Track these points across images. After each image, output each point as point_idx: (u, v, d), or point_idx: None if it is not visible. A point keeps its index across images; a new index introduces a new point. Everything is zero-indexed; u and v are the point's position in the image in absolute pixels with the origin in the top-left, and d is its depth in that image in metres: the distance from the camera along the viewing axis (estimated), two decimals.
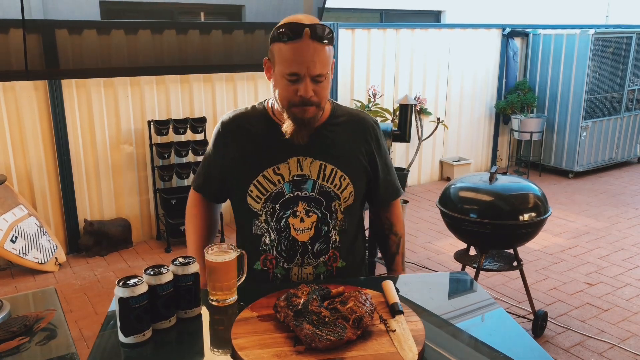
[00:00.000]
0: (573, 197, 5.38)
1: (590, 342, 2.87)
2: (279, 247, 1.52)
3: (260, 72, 4.59)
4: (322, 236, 1.52)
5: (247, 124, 1.54)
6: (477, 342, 1.23)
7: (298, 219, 1.49)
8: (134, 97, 4.14)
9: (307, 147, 1.48)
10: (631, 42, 5.95)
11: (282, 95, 1.41)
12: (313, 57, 1.35)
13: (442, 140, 5.92)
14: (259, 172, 1.49)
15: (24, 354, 1.28)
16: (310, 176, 1.49)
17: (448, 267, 3.83)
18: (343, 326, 1.13)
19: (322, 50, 1.37)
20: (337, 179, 1.50)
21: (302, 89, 1.37)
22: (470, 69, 5.93)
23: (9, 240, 3.57)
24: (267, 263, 1.54)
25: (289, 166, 1.49)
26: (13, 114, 3.75)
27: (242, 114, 1.57)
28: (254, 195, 1.50)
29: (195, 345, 1.22)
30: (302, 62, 1.35)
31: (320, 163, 1.49)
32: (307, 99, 1.38)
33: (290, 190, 1.49)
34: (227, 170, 1.55)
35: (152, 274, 1.22)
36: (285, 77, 1.38)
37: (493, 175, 2.79)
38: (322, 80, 1.39)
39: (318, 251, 1.52)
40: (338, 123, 1.54)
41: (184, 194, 4.22)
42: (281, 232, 1.51)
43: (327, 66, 1.39)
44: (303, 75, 1.36)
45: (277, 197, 1.49)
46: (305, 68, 1.35)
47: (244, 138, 1.53)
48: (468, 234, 2.76)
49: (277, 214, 1.50)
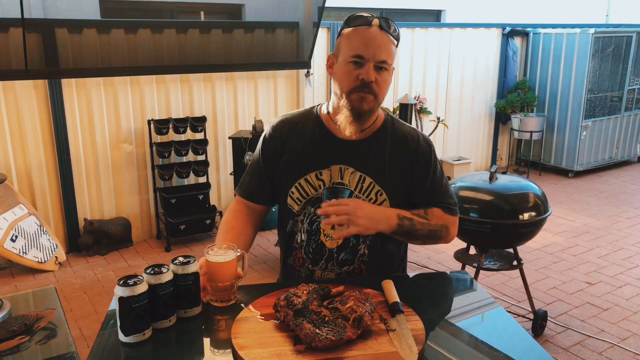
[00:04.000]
0: (573, 197, 5.38)
1: (590, 342, 2.87)
2: (307, 249, 1.54)
3: (260, 72, 4.59)
4: (349, 247, 1.53)
5: (297, 127, 1.56)
6: (477, 342, 1.23)
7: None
8: (134, 96, 4.14)
9: (351, 156, 1.50)
10: (631, 41, 5.94)
11: (344, 82, 1.42)
12: (380, 43, 1.40)
13: (442, 140, 5.92)
14: (302, 175, 1.52)
15: (24, 353, 1.28)
16: (349, 186, 1.51)
17: (448, 266, 3.83)
18: (343, 325, 1.13)
19: (388, 40, 1.41)
20: (373, 193, 1.50)
21: (364, 72, 1.38)
22: (470, 68, 5.93)
23: (9, 239, 3.57)
24: (296, 261, 1.57)
25: (331, 173, 1.51)
26: (13, 114, 3.75)
27: (293, 118, 1.58)
28: (294, 197, 1.53)
29: (195, 344, 1.22)
30: (369, 46, 1.39)
31: (360, 175, 1.50)
32: (368, 83, 1.39)
33: (328, 196, 1.51)
34: (275, 172, 1.56)
35: (152, 274, 1.22)
36: (350, 61, 1.40)
37: (493, 174, 2.80)
38: (385, 69, 1.41)
39: (343, 260, 1.53)
40: (386, 137, 1.53)
41: (184, 193, 4.23)
42: (311, 234, 1.53)
43: (391, 57, 1.42)
44: (368, 59, 1.39)
45: (316, 201, 1.51)
46: (372, 52, 1.38)
47: (293, 141, 1.54)
48: (468, 233, 2.76)
49: (311, 217, 1.52)
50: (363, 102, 1.41)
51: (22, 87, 3.73)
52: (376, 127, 1.53)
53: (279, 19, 4.46)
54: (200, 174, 4.30)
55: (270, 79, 4.70)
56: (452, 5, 7.37)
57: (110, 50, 3.86)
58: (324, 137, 1.52)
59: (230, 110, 4.57)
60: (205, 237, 4.31)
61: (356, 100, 1.41)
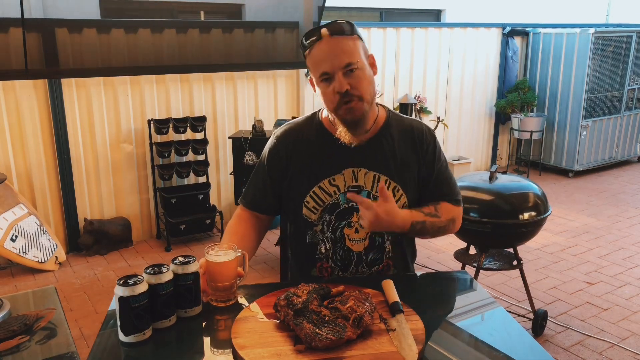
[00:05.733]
0: (573, 196, 5.38)
1: (590, 341, 2.87)
2: (334, 257, 1.53)
3: (260, 72, 4.59)
4: (376, 247, 1.53)
5: (301, 136, 1.54)
6: (477, 341, 1.23)
7: (353, 229, 1.51)
8: (134, 96, 4.14)
9: (361, 158, 1.49)
10: (631, 41, 5.94)
11: (326, 102, 1.42)
12: (336, 51, 1.37)
13: (442, 139, 5.91)
14: (315, 183, 1.50)
15: (24, 353, 1.28)
16: (365, 187, 1.50)
17: (448, 266, 3.83)
18: (343, 325, 1.13)
19: (344, 42, 1.38)
20: (390, 190, 1.49)
21: (336, 85, 1.37)
22: (470, 68, 5.93)
23: (9, 239, 3.57)
24: (322, 271, 1.55)
25: (344, 177, 1.50)
26: (13, 113, 3.75)
27: (296, 127, 1.57)
28: (310, 206, 1.51)
29: (195, 344, 1.21)
30: (327, 59, 1.37)
31: (374, 174, 1.50)
32: (344, 94, 1.37)
33: (346, 201, 1.50)
34: (282, 183, 1.55)
35: (152, 273, 1.22)
36: (321, 81, 1.40)
37: (493, 174, 2.80)
38: (355, 69, 1.37)
39: (372, 261, 1.54)
40: (392, 132, 1.53)
41: (184, 193, 4.23)
42: (336, 242, 1.52)
43: (355, 56, 1.38)
44: (333, 71, 1.37)
45: (333, 208, 1.51)
46: (331, 63, 1.36)
47: (300, 150, 1.53)
48: (468, 233, 2.76)
49: (333, 224, 1.51)
50: (351, 112, 1.40)
51: (22, 87, 3.73)
52: (380, 124, 1.52)
53: (279, 19, 4.46)
54: (200, 174, 4.30)
55: (270, 79, 4.70)
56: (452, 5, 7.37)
57: (110, 50, 3.87)
58: (330, 143, 1.50)
59: (230, 110, 4.57)
60: (205, 237, 4.31)
61: (345, 114, 1.41)
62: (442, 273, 1.96)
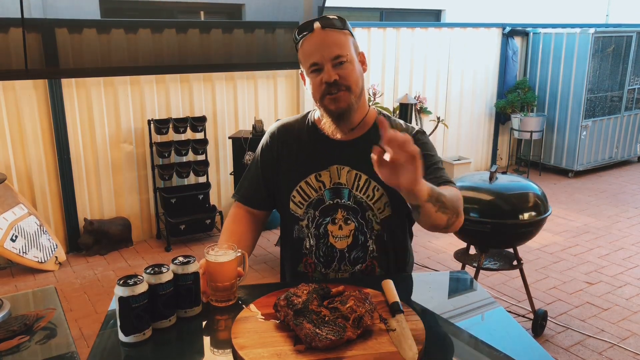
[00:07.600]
0: (573, 196, 5.38)
1: (590, 341, 2.87)
2: (317, 253, 1.54)
3: (260, 72, 4.59)
4: (359, 245, 1.53)
5: (293, 133, 1.58)
6: (477, 341, 1.23)
7: (337, 226, 1.52)
8: (134, 96, 4.14)
9: (346, 156, 1.51)
10: (631, 41, 5.94)
11: (313, 92, 1.45)
12: (326, 42, 1.40)
13: (442, 140, 5.91)
14: (302, 178, 1.52)
15: (24, 353, 1.28)
16: (346, 185, 1.51)
17: (448, 266, 3.83)
18: (343, 325, 1.13)
19: (335, 35, 1.41)
20: (370, 190, 1.50)
21: (325, 75, 1.40)
22: (470, 68, 5.93)
23: (9, 239, 3.57)
24: (307, 267, 1.57)
25: (330, 174, 1.52)
26: (13, 113, 3.75)
27: (289, 124, 1.60)
28: (296, 200, 1.53)
29: (195, 344, 1.22)
30: (317, 50, 1.40)
31: (356, 173, 1.51)
32: (332, 83, 1.39)
33: (330, 197, 1.52)
34: (274, 178, 1.57)
35: (152, 273, 1.22)
36: (310, 72, 1.43)
37: (493, 174, 2.79)
38: (344, 61, 1.40)
39: (355, 259, 1.54)
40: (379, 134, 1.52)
41: (183, 193, 4.23)
42: (320, 238, 1.53)
43: (345, 49, 1.41)
44: (322, 62, 1.40)
45: (318, 203, 1.52)
46: (322, 54, 1.39)
47: (290, 145, 1.56)
48: (468, 233, 2.76)
49: (317, 220, 1.52)
50: (336, 102, 1.42)
51: (22, 87, 3.73)
52: (369, 125, 1.54)
53: (279, 19, 4.46)
54: (200, 174, 4.30)
55: (270, 79, 4.70)
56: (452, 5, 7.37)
57: (110, 50, 3.86)
58: (319, 140, 1.53)
59: (230, 110, 4.57)
60: (205, 237, 4.31)
61: (329, 104, 1.43)
62: (442, 273, 1.96)
